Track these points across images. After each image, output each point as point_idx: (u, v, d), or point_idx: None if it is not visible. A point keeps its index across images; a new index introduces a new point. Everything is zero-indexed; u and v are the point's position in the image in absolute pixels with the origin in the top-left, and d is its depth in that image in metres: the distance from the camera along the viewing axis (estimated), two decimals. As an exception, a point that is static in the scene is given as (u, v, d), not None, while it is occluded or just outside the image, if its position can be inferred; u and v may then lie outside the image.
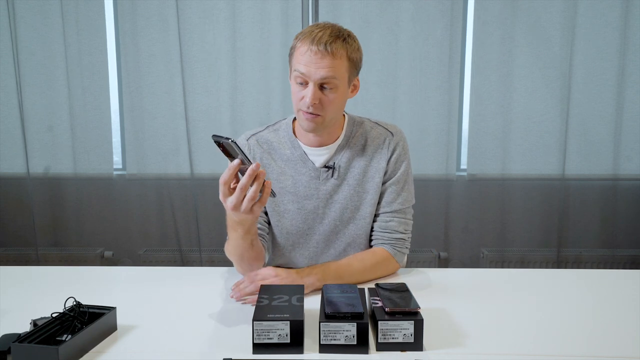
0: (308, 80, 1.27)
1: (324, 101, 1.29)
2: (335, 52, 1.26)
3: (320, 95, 1.28)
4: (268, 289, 1.12)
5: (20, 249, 2.85)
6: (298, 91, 1.30)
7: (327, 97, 1.29)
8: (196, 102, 2.77)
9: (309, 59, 1.25)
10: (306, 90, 1.28)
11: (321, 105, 1.29)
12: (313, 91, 1.26)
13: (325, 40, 1.25)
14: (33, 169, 2.79)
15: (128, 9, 2.70)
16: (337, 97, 1.30)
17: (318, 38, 1.25)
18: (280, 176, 1.42)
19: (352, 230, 1.44)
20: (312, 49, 1.25)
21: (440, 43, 2.71)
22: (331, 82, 1.27)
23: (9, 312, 1.16)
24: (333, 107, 1.31)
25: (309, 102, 1.27)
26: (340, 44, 1.27)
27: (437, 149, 2.79)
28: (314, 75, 1.26)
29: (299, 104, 1.30)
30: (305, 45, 1.26)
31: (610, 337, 1.08)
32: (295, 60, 1.29)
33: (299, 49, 1.28)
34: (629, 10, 2.68)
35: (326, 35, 1.26)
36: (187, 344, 1.03)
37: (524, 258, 2.85)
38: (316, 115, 1.29)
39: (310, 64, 1.25)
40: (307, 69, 1.26)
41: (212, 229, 2.85)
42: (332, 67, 1.26)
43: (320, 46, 1.24)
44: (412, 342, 0.99)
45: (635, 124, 2.77)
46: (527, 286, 1.38)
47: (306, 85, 1.28)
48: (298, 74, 1.28)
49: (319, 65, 1.25)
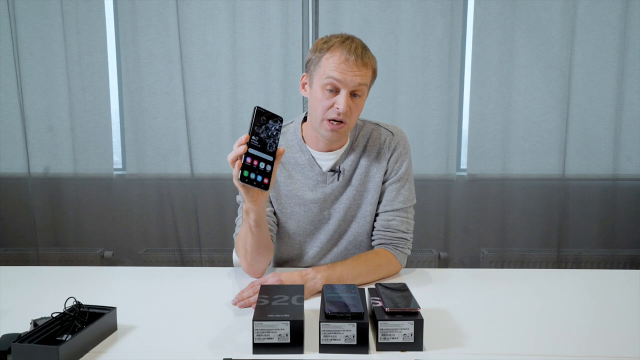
0: (340, 88, 1.31)
1: (352, 108, 1.33)
2: (368, 62, 1.33)
3: (350, 103, 1.32)
4: (268, 289, 1.13)
5: (20, 249, 2.85)
6: (326, 99, 1.33)
7: (355, 105, 1.34)
8: (196, 102, 2.77)
9: (346, 67, 1.30)
10: (337, 98, 1.32)
11: (350, 112, 1.33)
12: (347, 98, 1.31)
13: (360, 50, 1.32)
14: (33, 169, 2.80)
15: (128, 9, 2.70)
16: (361, 105, 1.37)
17: (354, 48, 1.31)
18: (287, 179, 1.45)
19: (354, 229, 1.47)
20: (350, 59, 1.30)
21: (440, 43, 2.71)
22: (361, 90, 1.33)
23: (9, 312, 1.16)
24: (357, 115, 1.37)
25: (342, 109, 1.31)
26: (370, 55, 1.35)
27: (437, 149, 2.79)
28: (350, 82, 1.31)
29: (327, 112, 1.33)
30: (341, 55, 1.31)
31: (610, 337, 1.08)
32: (327, 69, 1.32)
33: (330, 58, 1.32)
34: (628, 10, 2.68)
35: (358, 46, 1.32)
36: (187, 344, 1.03)
37: (523, 258, 2.85)
38: (342, 124, 1.34)
39: (346, 72, 1.30)
40: (343, 77, 1.30)
41: (212, 229, 2.85)
42: (364, 76, 1.32)
43: (357, 55, 1.30)
44: (412, 342, 0.99)
45: (635, 124, 2.77)
46: (527, 286, 1.38)
47: (336, 93, 1.32)
48: (331, 81, 1.31)
49: (355, 73, 1.30)
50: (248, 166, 1.07)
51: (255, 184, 1.08)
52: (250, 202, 1.16)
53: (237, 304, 1.19)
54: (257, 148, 1.08)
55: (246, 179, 1.07)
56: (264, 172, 1.09)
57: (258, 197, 1.16)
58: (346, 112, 1.31)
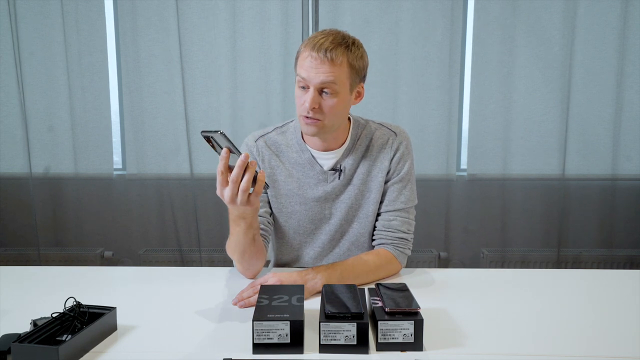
0: (309, 85, 1.31)
1: (323, 106, 1.32)
2: (335, 58, 1.29)
3: (320, 100, 1.31)
4: (268, 289, 1.13)
5: (21, 249, 2.85)
6: (300, 96, 1.33)
7: (327, 103, 1.31)
8: (196, 102, 2.77)
9: (310, 64, 1.29)
10: (307, 95, 1.31)
11: (321, 110, 1.32)
12: (312, 96, 1.30)
13: (326, 47, 1.28)
14: (34, 168, 2.80)
15: (128, 9, 2.70)
16: (337, 103, 1.32)
17: (320, 44, 1.29)
18: (287, 178, 1.45)
19: (356, 229, 1.47)
20: (313, 55, 1.29)
21: (441, 43, 2.71)
22: (330, 87, 1.30)
23: (9, 312, 1.16)
24: (333, 113, 1.33)
25: (308, 106, 1.30)
26: (342, 51, 1.30)
27: (437, 149, 2.79)
28: (313, 80, 1.29)
29: (300, 108, 1.34)
30: (307, 51, 1.30)
31: (610, 337, 1.08)
32: (298, 66, 1.33)
33: (302, 54, 1.33)
34: (628, 10, 2.68)
35: (328, 42, 1.29)
36: (187, 344, 1.03)
37: (524, 258, 2.85)
38: (316, 120, 1.32)
39: (310, 69, 1.29)
40: (307, 74, 1.30)
41: (212, 229, 2.85)
42: (331, 73, 1.29)
43: (320, 52, 1.28)
44: (412, 342, 0.99)
45: (634, 124, 2.77)
46: (527, 286, 1.38)
47: (307, 90, 1.31)
48: (300, 79, 1.32)
49: (318, 71, 1.29)
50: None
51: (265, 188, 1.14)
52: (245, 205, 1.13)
53: (237, 304, 1.19)
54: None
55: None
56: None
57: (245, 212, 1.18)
58: (314, 109, 1.30)
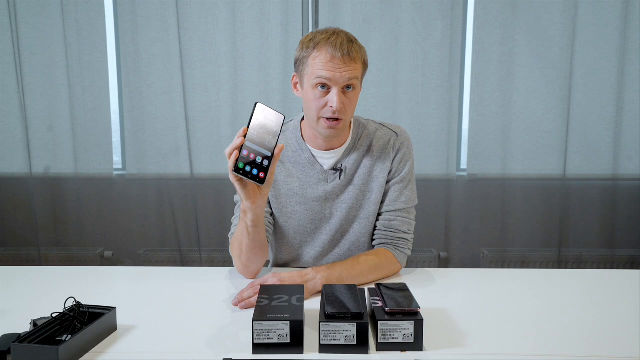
0: (332, 86, 1.30)
1: (346, 104, 1.32)
2: (355, 56, 1.31)
3: (344, 99, 1.31)
4: (268, 289, 1.13)
5: (21, 249, 2.85)
6: (319, 98, 1.32)
7: (349, 100, 1.33)
8: (196, 102, 2.77)
9: (334, 65, 1.29)
10: (330, 96, 1.31)
11: (344, 108, 1.32)
12: (339, 95, 1.30)
13: (347, 46, 1.29)
14: (34, 168, 2.79)
15: (128, 9, 2.70)
16: (355, 98, 1.35)
17: (339, 44, 1.29)
18: (287, 178, 1.44)
19: (356, 230, 1.46)
20: (337, 55, 1.28)
21: (441, 43, 2.71)
22: (353, 83, 1.32)
23: (9, 312, 1.16)
24: (352, 109, 1.36)
25: (336, 107, 1.30)
26: (357, 48, 1.32)
27: (437, 149, 2.79)
28: (340, 79, 1.29)
29: (322, 111, 1.33)
30: (327, 52, 1.29)
31: (610, 337, 1.08)
32: (315, 68, 1.31)
33: (317, 57, 1.31)
34: (628, 10, 2.68)
35: (344, 41, 1.30)
36: (187, 344, 1.03)
37: (524, 258, 2.85)
38: (339, 121, 1.33)
39: (335, 70, 1.29)
40: (332, 74, 1.29)
41: (212, 229, 2.85)
42: (354, 70, 1.31)
43: (343, 51, 1.28)
44: (412, 342, 0.99)
45: (635, 124, 2.77)
46: (527, 286, 1.38)
47: (327, 92, 1.31)
48: (321, 80, 1.30)
49: (343, 70, 1.29)
50: (244, 158, 1.07)
51: (250, 177, 1.08)
52: (247, 200, 1.15)
53: (238, 305, 1.19)
54: (256, 142, 1.08)
55: (240, 171, 1.07)
56: (260, 165, 1.08)
57: (255, 195, 1.15)
58: (340, 109, 1.31)
